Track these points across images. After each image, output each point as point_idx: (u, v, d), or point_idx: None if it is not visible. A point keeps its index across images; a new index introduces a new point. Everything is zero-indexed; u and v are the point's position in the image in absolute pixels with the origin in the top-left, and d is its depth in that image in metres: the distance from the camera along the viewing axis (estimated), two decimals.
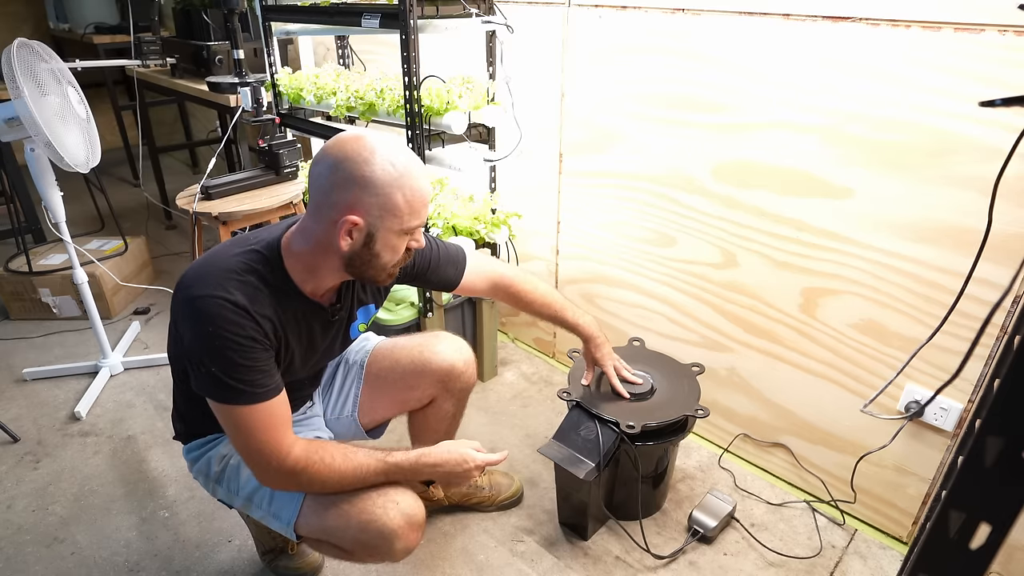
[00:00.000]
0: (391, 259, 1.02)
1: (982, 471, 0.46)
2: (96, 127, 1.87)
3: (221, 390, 0.97)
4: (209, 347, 0.94)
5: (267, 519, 1.13)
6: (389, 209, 0.96)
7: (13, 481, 1.72)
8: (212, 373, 0.95)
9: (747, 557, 1.48)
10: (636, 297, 1.89)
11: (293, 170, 1.85)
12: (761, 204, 1.51)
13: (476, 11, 1.77)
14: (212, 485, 1.19)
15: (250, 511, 1.16)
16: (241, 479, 1.14)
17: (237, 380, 0.96)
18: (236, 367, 0.95)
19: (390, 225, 0.98)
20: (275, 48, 2.22)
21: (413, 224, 1.00)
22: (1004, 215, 1.16)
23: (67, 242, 1.96)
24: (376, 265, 1.02)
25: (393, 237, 0.99)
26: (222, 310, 0.94)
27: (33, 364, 2.20)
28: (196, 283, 0.97)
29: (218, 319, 0.94)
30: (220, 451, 1.17)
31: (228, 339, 0.94)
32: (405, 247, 1.03)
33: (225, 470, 1.16)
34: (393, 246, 1.01)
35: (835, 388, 1.52)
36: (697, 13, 1.48)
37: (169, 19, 3.41)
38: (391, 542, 1.04)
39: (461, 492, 1.58)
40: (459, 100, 1.72)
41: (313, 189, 0.98)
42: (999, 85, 1.12)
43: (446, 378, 1.35)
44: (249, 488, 1.14)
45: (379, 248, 0.99)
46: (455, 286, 1.34)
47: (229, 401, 0.97)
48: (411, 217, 0.99)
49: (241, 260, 1.00)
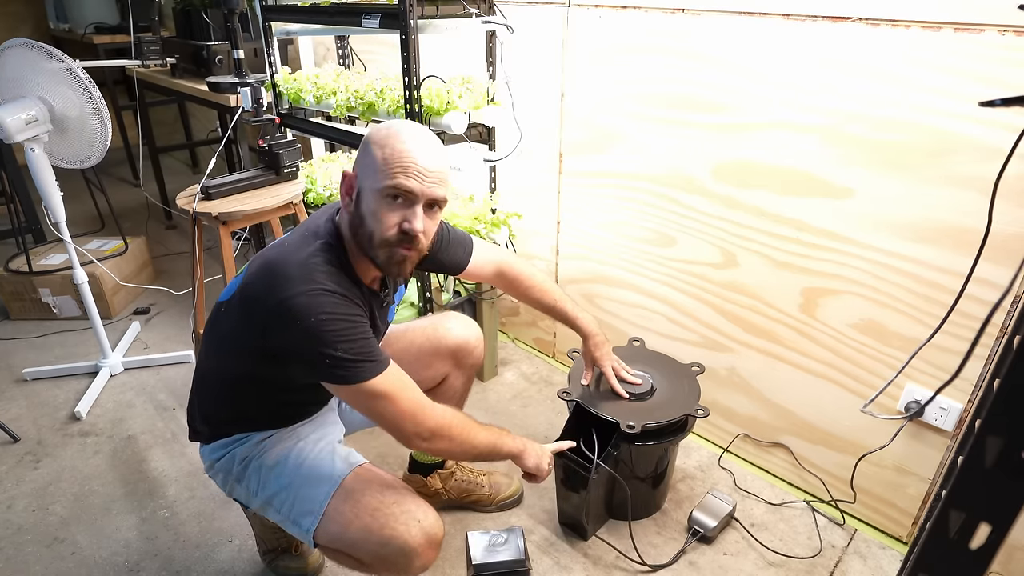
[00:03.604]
0: (376, 229, 1.00)
1: (982, 471, 0.47)
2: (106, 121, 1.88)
3: (353, 370, 0.97)
4: (324, 335, 0.95)
5: (286, 524, 1.13)
6: (368, 164, 0.99)
7: (13, 481, 1.72)
8: (337, 358, 0.95)
9: (747, 557, 1.48)
10: (636, 297, 1.89)
11: (293, 170, 1.84)
12: (761, 204, 1.51)
13: (476, 11, 1.77)
14: (231, 483, 1.18)
15: (267, 513, 1.16)
16: (262, 480, 1.14)
17: (364, 355, 0.97)
18: (355, 342, 0.97)
19: (370, 183, 0.99)
20: (275, 48, 2.22)
21: (387, 183, 0.97)
22: (1004, 215, 1.16)
23: (67, 242, 1.96)
24: (366, 234, 1.01)
25: (372, 198, 0.99)
26: (321, 298, 0.96)
27: (33, 364, 2.20)
28: (282, 287, 0.96)
29: (323, 307, 0.95)
30: (243, 451, 1.16)
31: (338, 320, 0.96)
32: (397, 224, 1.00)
33: (247, 470, 1.16)
34: (375, 213, 0.99)
35: (835, 388, 1.52)
36: (697, 13, 1.48)
37: (169, 19, 3.41)
38: (411, 559, 1.05)
39: (460, 488, 1.58)
40: (459, 100, 1.72)
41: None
42: (999, 85, 1.12)
43: (459, 354, 1.39)
44: (269, 491, 1.13)
45: (364, 211, 1.01)
46: (463, 268, 1.35)
47: (364, 377, 0.97)
48: (385, 175, 0.97)
49: (319, 256, 1.01)
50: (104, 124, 1.84)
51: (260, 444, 1.17)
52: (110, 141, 1.88)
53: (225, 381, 1.14)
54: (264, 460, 1.15)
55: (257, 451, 1.16)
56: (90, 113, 1.82)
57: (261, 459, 1.16)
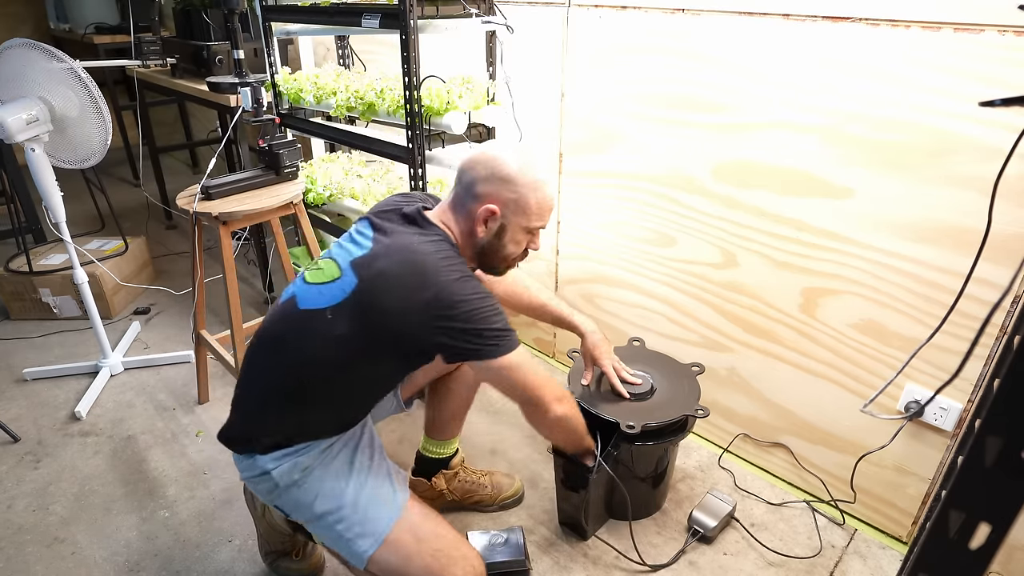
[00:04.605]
0: (513, 252, 1.19)
1: (982, 471, 0.46)
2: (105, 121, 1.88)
3: (502, 343, 1.07)
4: (484, 311, 1.05)
5: (337, 541, 1.11)
6: (522, 206, 1.14)
7: (13, 481, 1.72)
8: (495, 331, 1.06)
9: (747, 557, 1.48)
10: (636, 297, 1.89)
11: (293, 170, 1.84)
12: (761, 204, 1.51)
13: (476, 11, 1.77)
14: (281, 491, 1.13)
15: (315, 527, 1.14)
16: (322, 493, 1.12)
17: (506, 329, 1.08)
18: (499, 317, 1.08)
19: (519, 221, 1.15)
20: (275, 48, 2.22)
21: (536, 225, 1.17)
22: (1004, 215, 1.16)
23: (67, 242, 1.96)
24: (500, 256, 1.19)
25: (519, 233, 1.17)
26: (472, 281, 1.07)
27: (33, 364, 2.20)
28: (435, 275, 1.04)
29: (476, 288, 1.06)
30: (306, 460, 1.13)
31: (489, 297, 1.07)
32: (525, 248, 1.20)
33: (307, 479, 1.12)
34: (517, 241, 1.18)
35: (835, 388, 1.52)
36: (697, 13, 1.48)
37: (169, 19, 3.41)
38: None
39: (463, 489, 1.59)
40: (459, 100, 1.72)
41: (460, 185, 1.16)
42: (999, 85, 1.12)
43: None
44: (328, 505, 1.12)
45: (507, 240, 1.17)
46: None
47: (512, 347, 1.08)
48: (538, 218, 1.16)
49: (451, 251, 1.11)
50: (104, 124, 1.84)
51: (323, 453, 1.14)
52: (110, 141, 1.88)
53: (309, 387, 1.10)
54: (327, 471, 1.13)
55: (320, 461, 1.14)
56: (90, 113, 1.82)
57: (325, 470, 1.13)
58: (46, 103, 1.80)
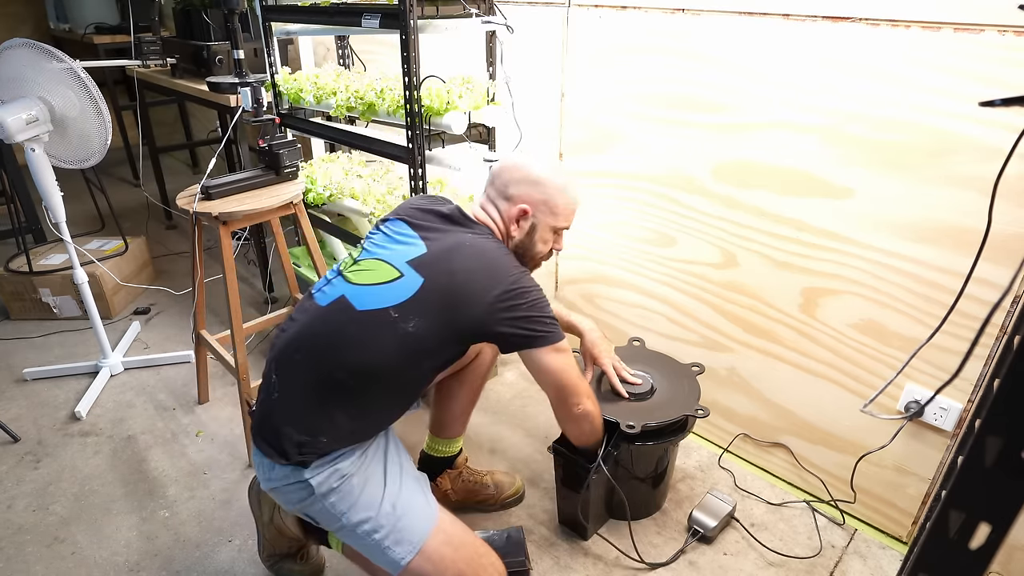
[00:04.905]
0: (542, 251, 1.27)
1: (982, 471, 0.46)
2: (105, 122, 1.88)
3: (555, 331, 1.14)
4: (542, 303, 1.13)
5: (373, 548, 1.10)
6: (551, 207, 1.23)
7: (13, 481, 1.72)
8: (549, 321, 1.14)
9: (747, 557, 1.48)
10: (636, 297, 1.89)
11: (293, 170, 1.84)
12: (761, 204, 1.51)
13: (476, 11, 1.77)
14: (312, 500, 1.10)
15: (346, 535, 1.12)
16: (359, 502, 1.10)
17: (555, 319, 1.16)
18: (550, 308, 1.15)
19: (548, 221, 1.24)
20: (275, 48, 2.21)
21: (562, 225, 1.26)
22: (1004, 215, 1.16)
23: (67, 242, 1.96)
24: (530, 254, 1.27)
25: (547, 232, 1.26)
26: (527, 276, 1.15)
27: (33, 364, 2.20)
28: (506, 270, 1.11)
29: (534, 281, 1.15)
30: (345, 467, 1.10)
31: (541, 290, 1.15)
32: (551, 246, 1.28)
33: (344, 485, 1.10)
34: (545, 239, 1.26)
35: (835, 388, 1.52)
36: (697, 13, 1.48)
37: (169, 19, 3.41)
38: None
39: (467, 489, 1.59)
40: (459, 100, 1.72)
41: (494, 188, 1.25)
42: (999, 85, 1.12)
43: None
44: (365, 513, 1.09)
45: (536, 238, 1.25)
46: None
47: (561, 337, 1.15)
48: (564, 219, 1.26)
49: (502, 246, 1.19)
50: (104, 124, 1.85)
51: (360, 459, 1.12)
52: (110, 141, 1.88)
53: (371, 386, 1.09)
54: (363, 478, 1.11)
55: (358, 466, 1.11)
56: (90, 113, 1.82)
57: (361, 476, 1.11)
58: (46, 103, 1.80)
